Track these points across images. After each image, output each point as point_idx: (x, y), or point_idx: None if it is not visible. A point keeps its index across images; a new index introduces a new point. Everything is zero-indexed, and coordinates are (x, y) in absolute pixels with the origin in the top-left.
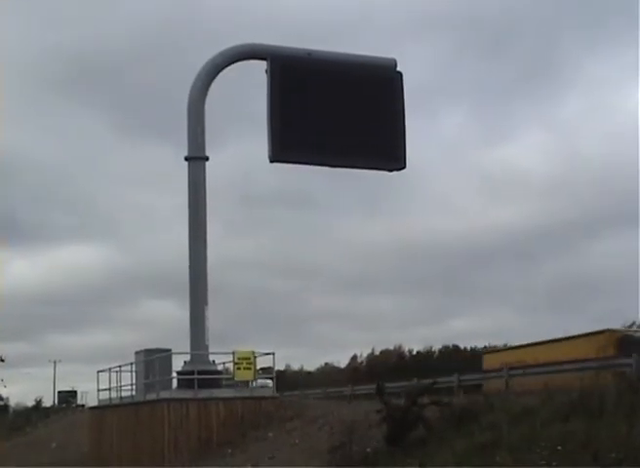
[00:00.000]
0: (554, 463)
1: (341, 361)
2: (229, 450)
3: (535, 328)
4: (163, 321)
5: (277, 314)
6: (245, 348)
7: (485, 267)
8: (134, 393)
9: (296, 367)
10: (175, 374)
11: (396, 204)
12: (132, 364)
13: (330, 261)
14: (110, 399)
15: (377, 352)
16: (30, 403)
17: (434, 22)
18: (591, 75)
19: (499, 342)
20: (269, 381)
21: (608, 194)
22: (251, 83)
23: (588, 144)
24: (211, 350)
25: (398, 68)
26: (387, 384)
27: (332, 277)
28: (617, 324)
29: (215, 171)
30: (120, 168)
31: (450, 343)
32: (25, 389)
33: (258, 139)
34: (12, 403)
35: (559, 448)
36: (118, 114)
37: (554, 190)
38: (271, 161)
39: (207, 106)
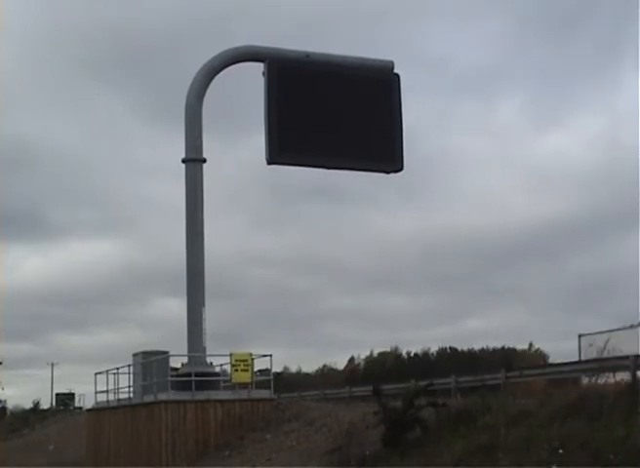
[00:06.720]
0: (553, 464)
1: (339, 362)
2: (227, 453)
3: (550, 328)
4: (174, 320)
5: (293, 313)
6: (253, 349)
7: (510, 266)
8: (131, 395)
9: (293, 368)
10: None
11: (429, 199)
12: (129, 366)
13: (353, 258)
14: (108, 401)
15: (375, 354)
16: (28, 405)
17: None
18: None
19: (510, 343)
20: None
21: None
22: None
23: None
24: (223, 350)
25: (399, 69)
26: (384, 386)
27: (353, 274)
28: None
29: (242, 165)
30: (142, 160)
31: (447, 345)
32: (24, 391)
33: None
34: (9, 405)
35: (558, 449)
36: (142, 104)
37: (598, 183)
38: (268, 163)
39: (236, 98)
